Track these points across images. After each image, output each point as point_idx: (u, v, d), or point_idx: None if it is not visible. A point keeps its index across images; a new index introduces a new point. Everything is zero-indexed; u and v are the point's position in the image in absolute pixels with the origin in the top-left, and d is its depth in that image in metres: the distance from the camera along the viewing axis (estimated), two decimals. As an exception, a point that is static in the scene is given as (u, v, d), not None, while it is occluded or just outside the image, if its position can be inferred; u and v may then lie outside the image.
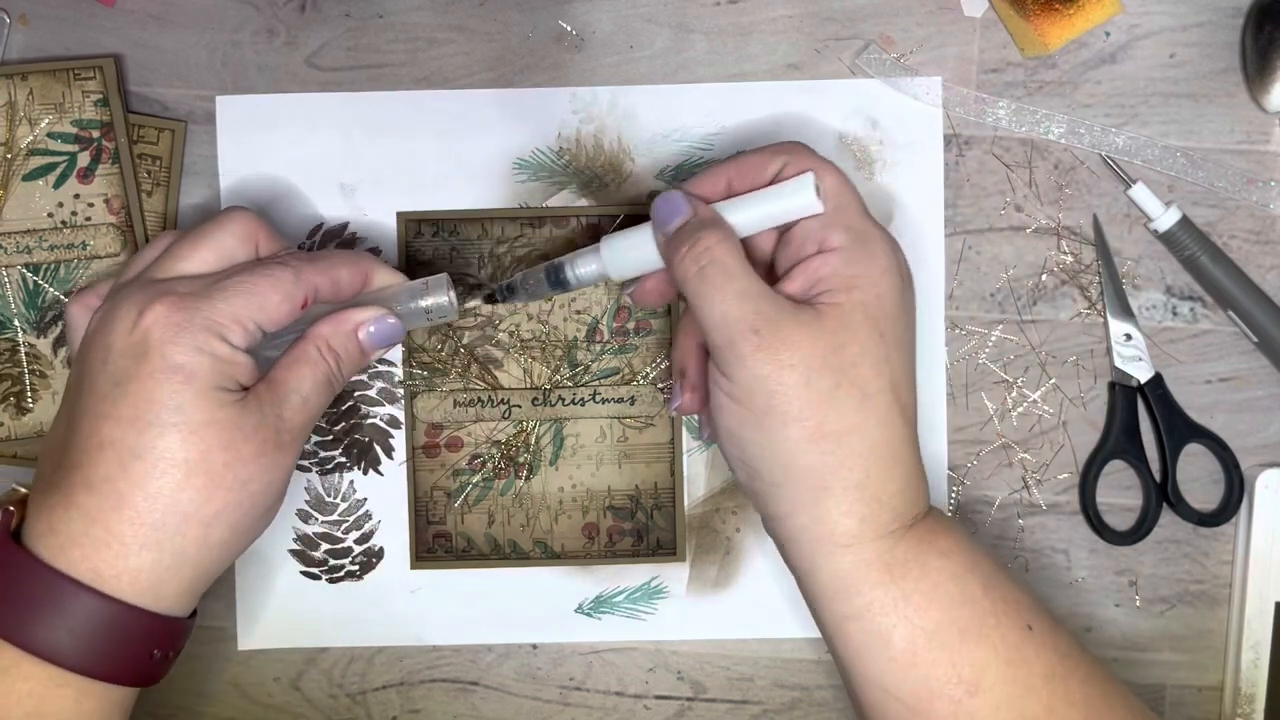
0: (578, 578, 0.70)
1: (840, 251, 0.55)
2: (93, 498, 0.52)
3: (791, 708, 0.70)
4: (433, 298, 0.60)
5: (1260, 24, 0.67)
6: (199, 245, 0.57)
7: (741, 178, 0.59)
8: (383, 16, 0.69)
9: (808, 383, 0.53)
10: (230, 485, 0.53)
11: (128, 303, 0.53)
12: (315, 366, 0.57)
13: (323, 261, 0.58)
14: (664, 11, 0.69)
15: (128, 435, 0.52)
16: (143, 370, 0.52)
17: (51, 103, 0.68)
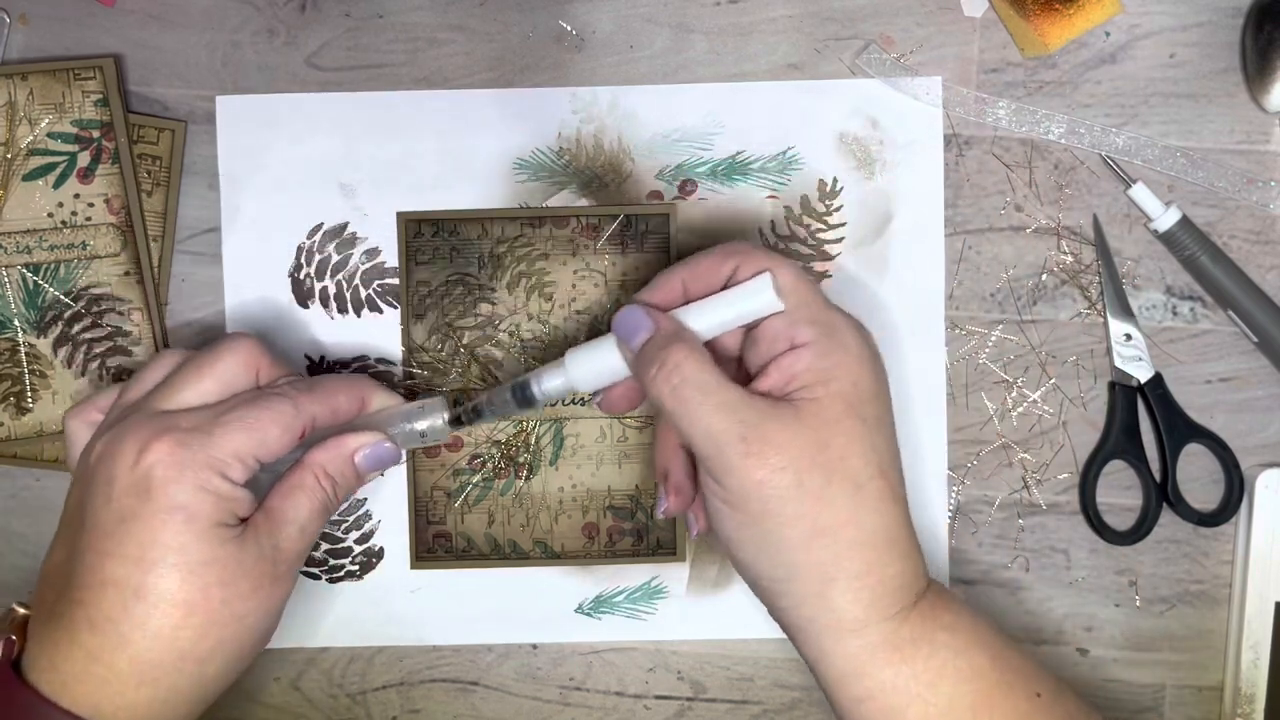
0: (578, 578, 0.70)
1: (811, 346, 0.55)
2: (95, 637, 0.52)
3: (791, 708, 0.70)
4: (428, 421, 0.60)
5: (1260, 24, 0.67)
6: (202, 375, 0.57)
7: (695, 282, 0.59)
8: (383, 16, 0.69)
9: (800, 483, 0.53)
10: (226, 621, 0.54)
11: (130, 438, 0.54)
12: (312, 494, 0.57)
13: (320, 390, 0.58)
14: (664, 11, 0.69)
15: (131, 575, 0.52)
16: (145, 509, 0.52)
17: (51, 103, 0.68)
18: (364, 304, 0.69)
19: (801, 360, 0.55)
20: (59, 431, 0.69)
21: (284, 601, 0.57)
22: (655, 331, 0.56)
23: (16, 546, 0.70)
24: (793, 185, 0.69)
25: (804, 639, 0.57)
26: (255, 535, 0.55)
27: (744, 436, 0.53)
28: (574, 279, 0.69)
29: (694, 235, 0.69)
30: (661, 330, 0.56)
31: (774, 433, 0.53)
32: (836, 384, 0.55)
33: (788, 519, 0.54)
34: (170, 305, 0.70)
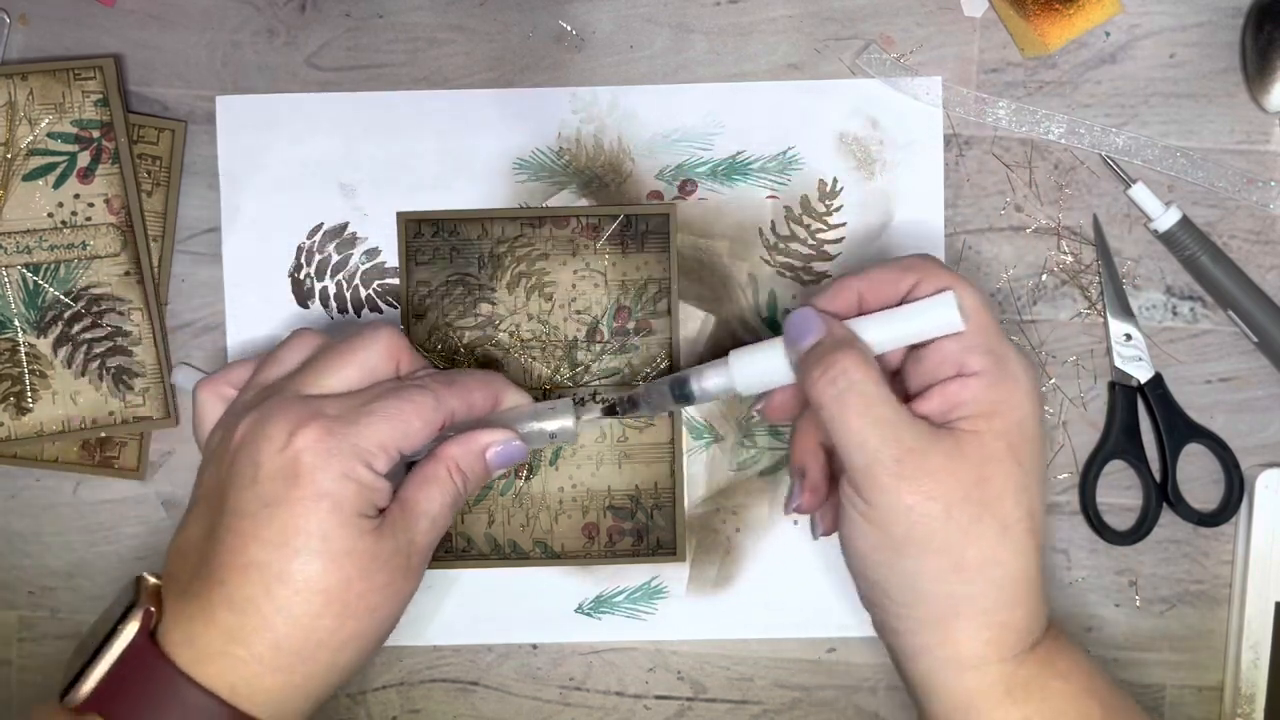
0: (578, 578, 0.70)
1: (981, 376, 0.54)
2: (235, 616, 0.52)
3: (791, 708, 0.70)
4: (558, 421, 0.60)
5: (1260, 24, 0.68)
6: (346, 362, 0.57)
7: (873, 293, 0.58)
8: (383, 16, 0.69)
9: (949, 515, 0.53)
10: (361, 614, 0.54)
11: (278, 421, 0.54)
12: (444, 488, 0.57)
13: (459, 385, 0.58)
14: (664, 11, 0.69)
15: (274, 559, 0.52)
16: (292, 495, 0.52)
17: (51, 103, 0.68)
18: (364, 304, 0.69)
19: (969, 390, 0.54)
20: (59, 431, 0.69)
21: (412, 595, 0.57)
22: (826, 335, 0.56)
23: (16, 546, 0.70)
24: (793, 185, 0.69)
25: (914, 667, 0.56)
26: (392, 527, 0.55)
27: (899, 458, 0.53)
28: (574, 279, 0.69)
29: (694, 235, 0.69)
30: (833, 334, 0.56)
31: (932, 460, 0.53)
32: (1001, 421, 0.54)
33: (931, 549, 0.53)
34: (170, 305, 0.70)
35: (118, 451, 0.70)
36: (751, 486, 0.69)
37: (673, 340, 0.69)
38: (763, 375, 0.58)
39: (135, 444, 0.70)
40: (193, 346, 0.70)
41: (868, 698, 0.70)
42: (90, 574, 0.70)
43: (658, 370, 0.69)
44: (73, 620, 0.70)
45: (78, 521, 0.70)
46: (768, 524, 0.69)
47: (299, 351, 0.59)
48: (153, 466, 0.70)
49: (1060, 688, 0.55)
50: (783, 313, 0.69)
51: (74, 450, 0.70)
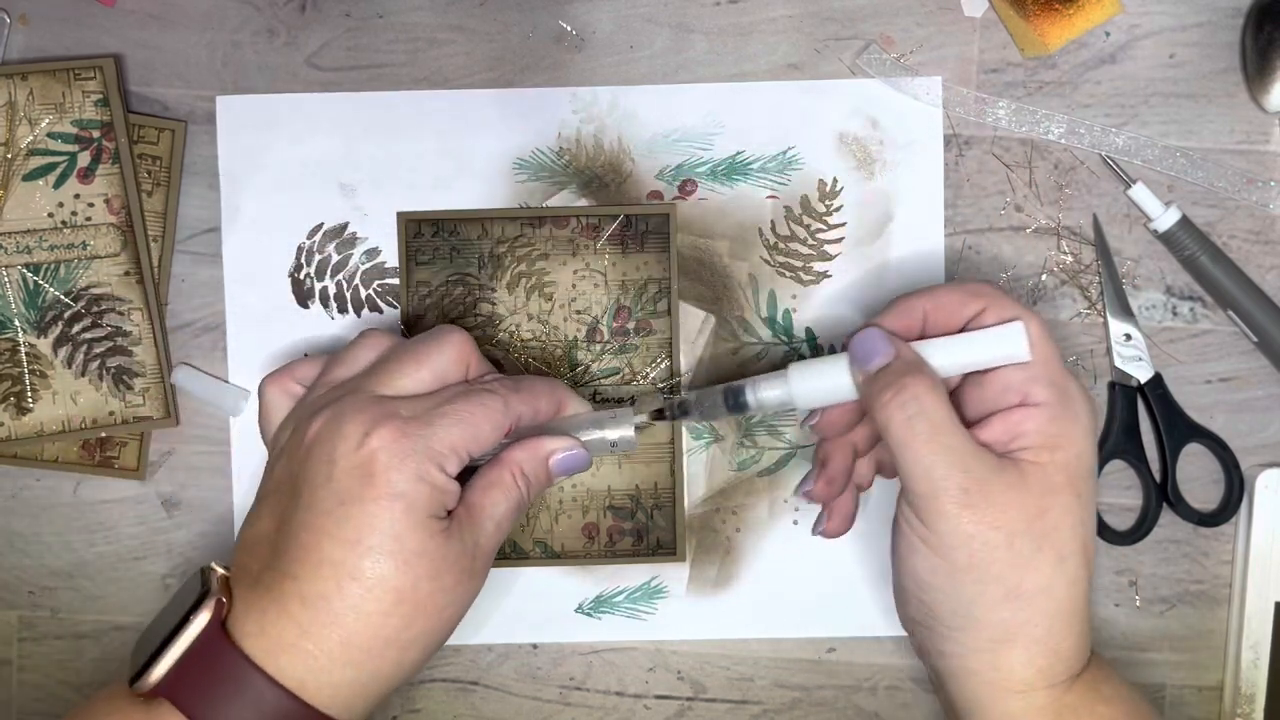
0: (578, 577, 0.70)
1: (1044, 408, 0.55)
2: (307, 611, 0.53)
3: (791, 708, 0.70)
4: (619, 430, 0.60)
5: (1260, 24, 0.68)
6: (420, 365, 0.58)
7: (937, 314, 0.58)
8: (383, 16, 0.69)
9: (1010, 545, 0.54)
10: (430, 613, 0.54)
11: (354, 419, 0.54)
12: (509, 492, 0.58)
13: (525, 390, 0.59)
14: (664, 11, 0.69)
15: (348, 557, 0.53)
16: (367, 494, 0.53)
17: (52, 103, 0.68)
18: (364, 304, 0.69)
19: (1032, 420, 0.55)
20: (59, 431, 0.69)
21: (475, 596, 0.57)
22: (895, 358, 0.56)
23: (16, 546, 0.70)
24: (793, 185, 0.69)
25: (959, 688, 0.57)
26: (459, 531, 0.55)
27: (966, 488, 0.53)
28: (574, 279, 0.69)
29: (694, 234, 0.69)
30: (902, 357, 0.56)
31: (997, 491, 0.54)
32: (1062, 454, 0.55)
33: (990, 577, 0.54)
34: (170, 305, 0.70)
35: (118, 451, 0.70)
36: (751, 486, 0.69)
37: (673, 340, 0.69)
38: (822, 391, 0.59)
39: (135, 444, 0.70)
40: (193, 346, 0.70)
41: (867, 698, 0.70)
42: (90, 574, 0.70)
43: (659, 370, 0.69)
44: (73, 620, 0.70)
45: (78, 521, 0.70)
46: (768, 524, 0.69)
47: (369, 351, 0.60)
48: (153, 466, 0.70)
49: (1105, 711, 0.56)
50: (782, 313, 0.69)
51: (74, 450, 0.70)
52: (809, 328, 0.69)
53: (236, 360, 0.69)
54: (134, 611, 0.70)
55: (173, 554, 0.70)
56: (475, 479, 0.58)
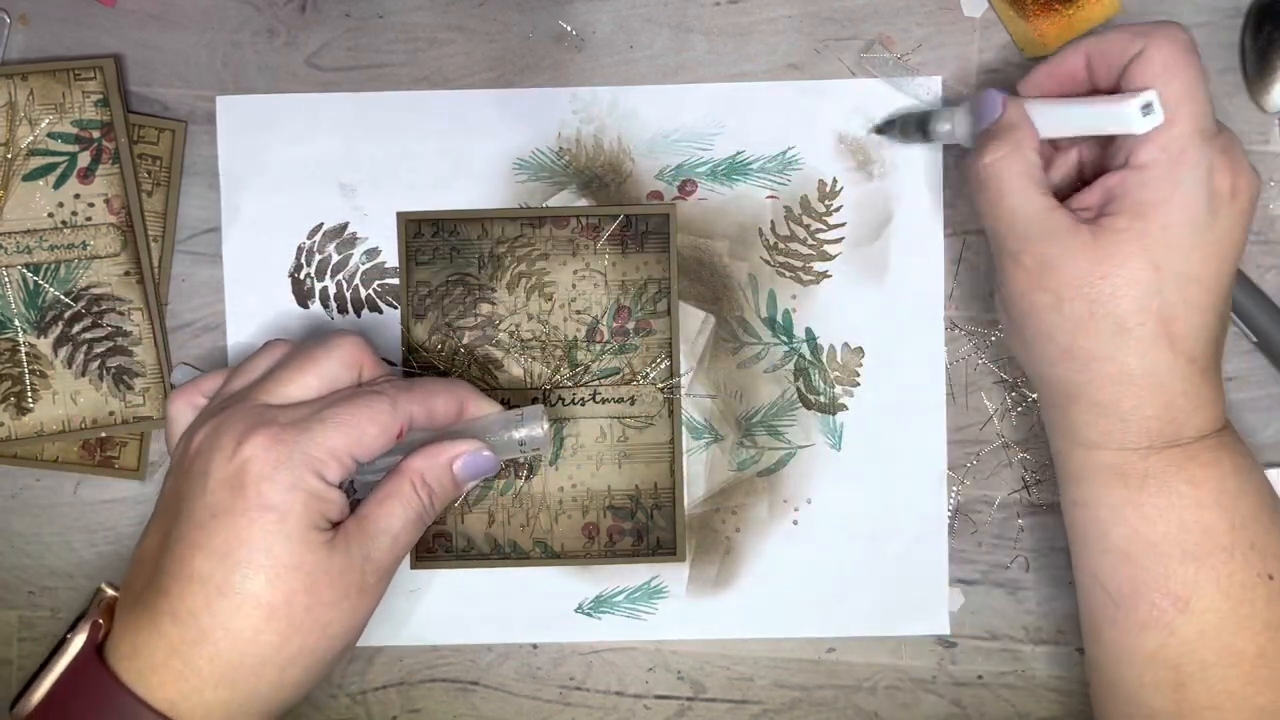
0: (577, 577, 0.70)
1: (1143, 171, 0.55)
2: (177, 628, 0.52)
3: (791, 708, 0.70)
4: (527, 429, 0.60)
5: (1260, 24, 0.68)
6: (305, 369, 0.57)
7: (1100, 55, 0.58)
8: (383, 16, 0.69)
9: (1058, 307, 0.55)
10: (310, 629, 0.53)
11: (229, 430, 0.54)
12: (408, 503, 0.56)
13: (419, 390, 0.58)
14: (664, 11, 0.69)
15: (217, 571, 0.52)
16: (237, 505, 0.52)
17: (52, 103, 0.68)
18: (364, 304, 0.69)
19: (1126, 184, 0.55)
20: (59, 431, 0.69)
21: (370, 612, 0.56)
22: (998, 120, 0.58)
23: (16, 546, 0.70)
24: (793, 185, 0.69)
25: (1050, 434, 0.61)
26: (346, 542, 0.54)
27: (1019, 250, 0.56)
28: (574, 279, 0.69)
29: (694, 234, 0.69)
30: (1005, 120, 0.58)
31: (1052, 255, 0.55)
32: (1144, 222, 0.54)
33: (1042, 335, 0.56)
34: (170, 305, 0.70)
35: (118, 451, 0.70)
36: (751, 486, 0.69)
37: (673, 340, 0.69)
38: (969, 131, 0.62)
39: (135, 444, 0.70)
40: (193, 346, 0.70)
41: (867, 698, 0.70)
42: (90, 574, 0.70)
43: (659, 370, 0.69)
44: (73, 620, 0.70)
45: (78, 521, 0.70)
46: (768, 524, 0.69)
47: (266, 360, 0.59)
48: (153, 466, 0.70)
49: (1184, 489, 0.56)
50: (782, 313, 0.69)
51: (74, 450, 0.70)
52: (809, 328, 0.69)
53: (236, 360, 0.69)
54: (134, 611, 0.70)
55: (173, 554, 0.70)
56: (374, 490, 0.57)
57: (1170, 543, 0.56)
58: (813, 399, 0.69)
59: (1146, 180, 0.54)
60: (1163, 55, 0.55)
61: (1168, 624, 0.56)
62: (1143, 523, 0.56)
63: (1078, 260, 0.54)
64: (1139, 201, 0.54)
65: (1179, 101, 0.54)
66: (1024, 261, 0.56)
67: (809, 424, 0.69)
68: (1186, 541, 0.56)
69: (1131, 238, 0.54)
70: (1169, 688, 0.56)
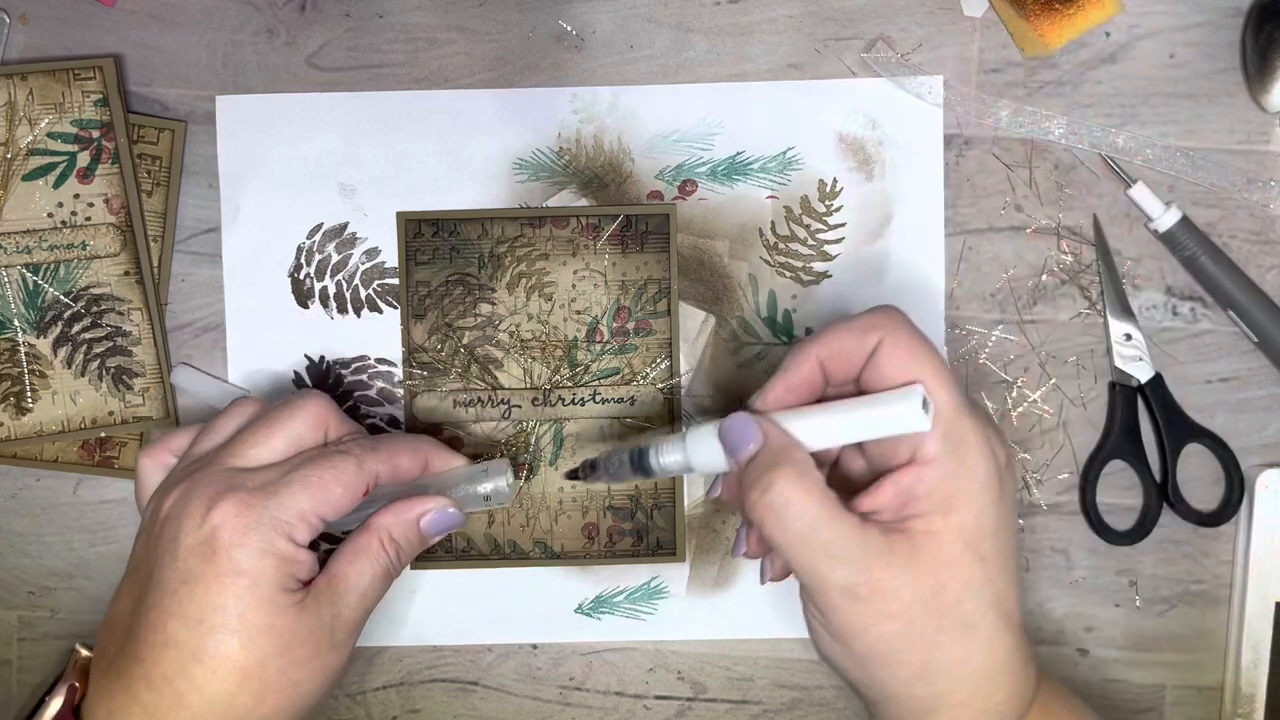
0: (577, 578, 0.70)
1: (936, 465, 0.52)
2: (152, 695, 0.52)
3: (791, 708, 0.70)
4: (491, 483, 0.60)
5: (1260, 24, 0.68)
6: (272, 432, 0.57)
7: (834, 361, 0.55)
8: (383, 16, 0.69)
9: (910, 630, 0.52)
10: (283, 689, 0.54)
11: (198, 496, 0.54)
12: (376, 559, 0.57)
13: (384, 449, 0.58)
14: (664, 11, 0.69)
15: (191, 637, 0.52)
16: (209, 572, 0.52)
17: (51, 103, 0.68)
18: (364, 304, 0.69)
19: (923, 483, 0.52)
20: (59, 431, 0.69)
21: (341, 668, 0.56)
22: (762, 447, 0.53)
23: (16, 546, 0.70)
24: (793, 185, 0.69)
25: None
26: (316, 602, 0.55)
27: (851, 583, 0.51)
28: (574, 279, 0.69)
29: (694, 235, 0.69)
30: (769, 445, 0.53)
31: (886, 580, 0.51)
32: (957, 516, 0.52)
33: (894, 663, 0.53)
34: (170, 305, 0.70)
35: (118, 451, 0.70)
36: (751, 486, 0.69)
37: (672, 340, 0.69)
38: (718, 458, 0.55)
39: (135, 444, 0.70)
40: (193, 346, 0.70)
41: (868, 698, 0.70)
42: (90, 574, 0.70)
43: (659, 370, 0.69)
44: (72, 620, 0.70)
45: (78, 521, 0.70)
46: (768, 524, 0.69)
47: (234, 421, 0.59)
48: (153, 466, 0.70)
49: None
50: (782, 314, 0.69)
51: (74, 450, 0.70)
52: (809, 328, 0.69)
53: (236, 360, 0.69)
54: (134, 611, 0.70)
55: (173, 554, 0.70)
56: (341, 547, 0.57)
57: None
58: (813, 399, 0.69)
59: (946, 473, 0.52)
60: (902, 344, 0.53)
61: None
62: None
63: (912, 576, 0.51)
64: (945, 497, 0.52)
65: (937, 387, 0.52)
66: (859, 593, 0.51)
67: (809, 424, 0.69)
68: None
69: (951, 537, 0.52)
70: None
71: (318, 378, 0.69)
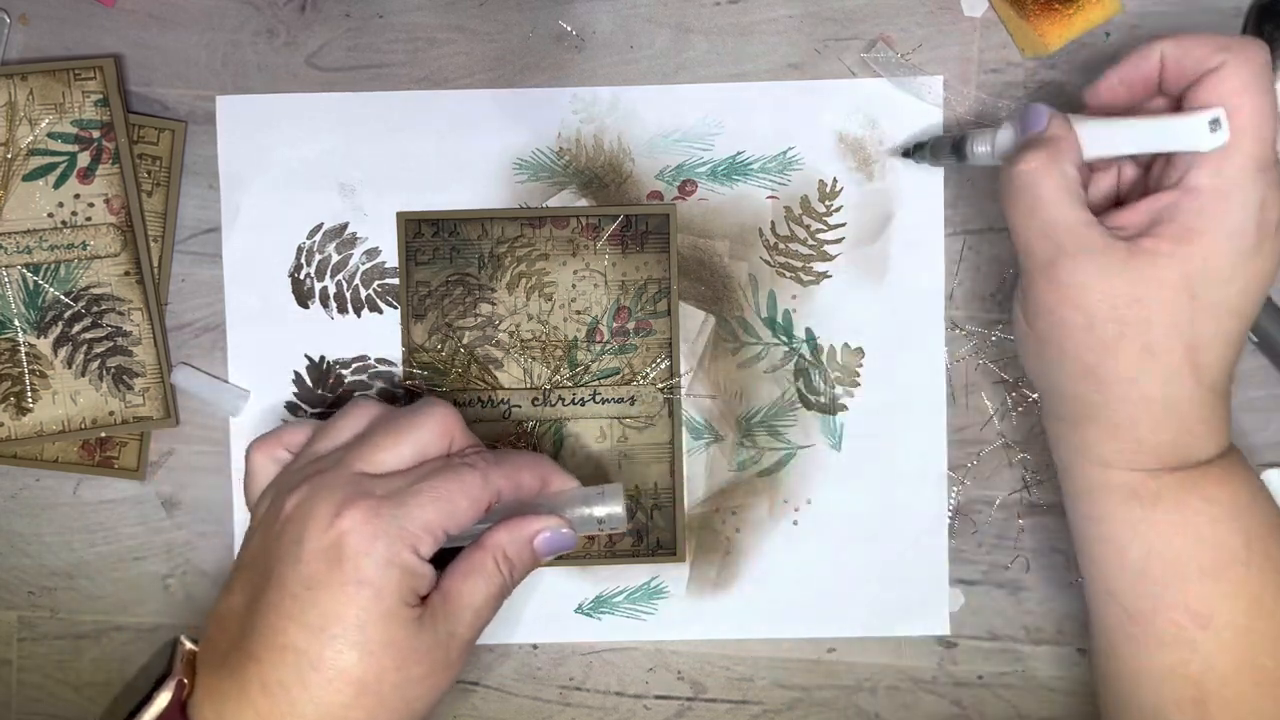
0: (577, 578, 0.70)
1: (1194, 195, 0.53)
2: (266, 699, 0.51)
3: (791, 708, 0.70)
4: (607, 508, 0.60)
5: (1260, 24, 0.67)
6: (401, 440, 0.56)
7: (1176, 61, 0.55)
8: (383, 16, 0.69)
9: (1090, 327, 0.53)
10: (396, 705, 0.53)
11: (325, 499, 0.53)
12: (490, 579, 0.56)
13: (508, 465, 0.57)
14: (664, 11, 0.69)
15: (311, 645, 0.51)
16: (334, 578, 0.52)
17: (52, 103, 0.68)
18: (364, 304, 0.69)
19: (1176, 208, 0.53)
20: (59, 431, 0.69)
21: (450, 685, 0.56)
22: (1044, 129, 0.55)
23: (17, 546, 0.70)
24: (793, 185, 0.69)
25: (1056, 445, 0.59)
26: (433, 619, 0.54)
27: (1053, 263, 0.54)
28: (574, 279, 0.69)
29: (694, 235, 0.69)
30: (1049, 132, 0.55)
31: (1088, 274, 0.53)
32: (1189, 248, 0.52)
33: (1066, 353, 0.55)
34: (170, 305, 0.70)
35: (118, 451, 0.70)
36: (751, 487, 0.69)
37: (673, 340, 0.69)
38: None
39: (135, 444, 0.70)
40: (193, 346, 0.70)
41: (868, 698, 0.70)
42: (90, 574, 0.70)
43: (659, 370, 0.69)
44: (72, 620, 0.70)
45: (78, 521, 0.70)
46: (768, 524, 0.69)
47: (355, 423, 0.59)
48: (153, 466, 0.70)
49: (1200, 506, 0.55)
50: (782, 314, 0.69)
51: (74, 450, 0.70)
52: (809, 328, 0.69)
53: (236, 360, 0.69)
54: (134, 612, 0.70)
55: (172, 554, 0.70)
56: (455, 563, 0.56)
57: (1187, 559, 0.55)
58: (813, 399, 0.69)
59: (1198, 206, 0.52)
60: (1242, 74, 0.53)
61: (1188, 640, 0.55)
62: (1159, 539, 0.55)
63: (1112, 281, 0.53)
64: (1187, 227, 0.52)
65: (1246, 126, 0.52)
66: (1056, 276, 0.53)
67: (809, 424, 0.69)
68: (1203, 557, 0.55)
69: (1172, 264, 0.52)
70: (1190, 704, 0.55)
71: (318, 378, 0.69)
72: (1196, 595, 0.55)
